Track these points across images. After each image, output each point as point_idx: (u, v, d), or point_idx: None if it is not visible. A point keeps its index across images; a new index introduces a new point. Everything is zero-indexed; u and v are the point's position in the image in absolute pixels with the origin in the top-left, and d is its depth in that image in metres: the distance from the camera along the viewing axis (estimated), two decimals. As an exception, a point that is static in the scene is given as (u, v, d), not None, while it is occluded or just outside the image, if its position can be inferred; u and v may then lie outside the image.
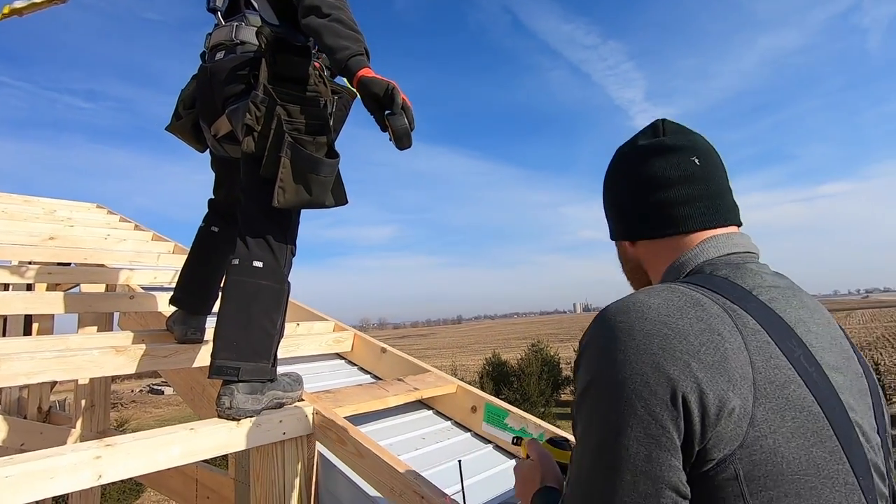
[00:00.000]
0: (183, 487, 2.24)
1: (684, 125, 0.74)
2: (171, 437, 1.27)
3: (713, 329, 0.52)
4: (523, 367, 12.03)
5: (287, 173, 1.39)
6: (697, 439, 0.49)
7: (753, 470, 0.49)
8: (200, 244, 1.90)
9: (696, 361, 0.50)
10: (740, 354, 0.51)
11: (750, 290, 0.58)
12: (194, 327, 1.89)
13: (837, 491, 0.51)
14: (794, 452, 0.50)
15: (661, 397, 0.49)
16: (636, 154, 0.73)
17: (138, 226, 3.90)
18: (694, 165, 0.69)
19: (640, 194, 0.71)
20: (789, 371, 0.52)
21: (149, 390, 23.27)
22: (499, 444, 1.80)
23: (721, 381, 0.49)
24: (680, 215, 0.68)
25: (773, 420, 0.50)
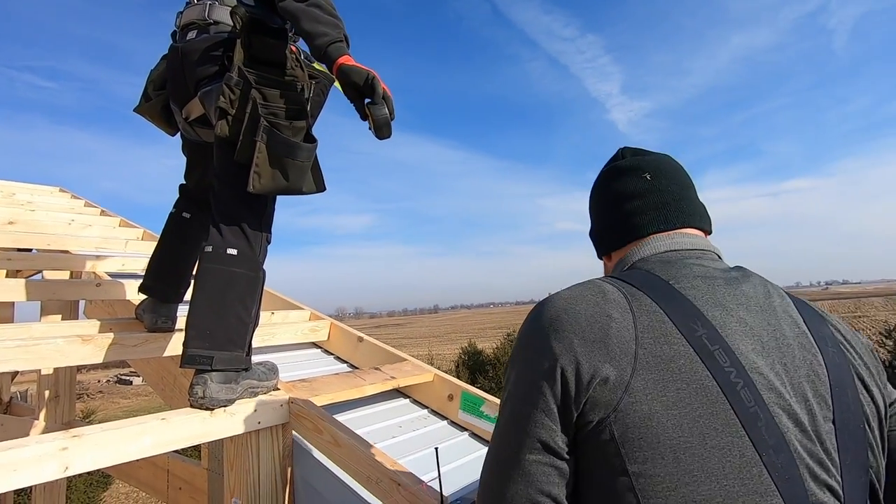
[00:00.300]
0: (153, 478, 2.20)
1: (642, 148, 0.85)
2: (142, 427, 1.24)
3: (604, 312, 0.59)
4: (499, 356, 12.17)
5: (263, 158, 1.35)
6: (573, 403, 0.56)
7: (627, 432, 0.54)
8: (172, 231, 1.85)
9: (579, 339, 0.58)
10: (625, 332, 0.57)
11: (667, 280, 0.64)
12: (165, 315, 1.84)
13: (729, 462, 0.52)
14: (675, 420, 0.53)
15: (544, 368, 0.58)
16: (600, 180, 0.85)
17: (104, 211, 3.77)
18: (645, 181, 0.78)
19: (605, 213, 0.82)
20: (683, 347, 0.57)
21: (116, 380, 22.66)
22: (475, 431, 1.82)
23: (598, 354, 0.56)
24: (634, 224, 0.77)
25: (652, 389, 0.54)
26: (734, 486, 0.51)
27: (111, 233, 3.34)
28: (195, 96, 1.52)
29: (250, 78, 1.37)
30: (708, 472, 0.52)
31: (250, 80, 1.37)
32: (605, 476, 0.55)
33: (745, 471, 0.52)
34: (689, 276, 0.65)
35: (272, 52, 1.44)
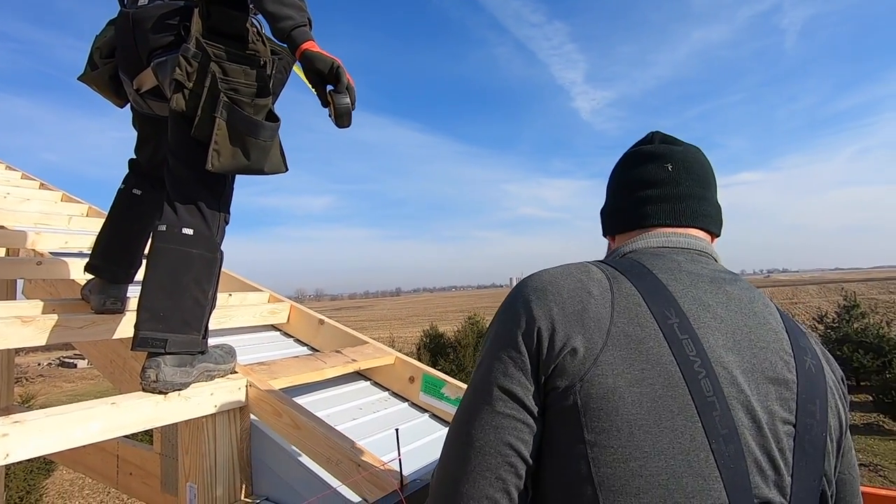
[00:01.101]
0: (102, 464, 2.12)
1: (673, 136, 0.82)
2: (89, 412, 1.19)
3: (586, 289, 0.63)
4: (460, 338, 12.32)
5: (223, 136, 1.30)
6: (542, 364, 0.59)
7: (590, 402, 0.56)
8: (121, 208, 1.74)
9: (558, 308, 0.61)
10: (602, 309, 0.60)
11: (650, 269, 0.66)
12: (114, 297, 1.76)
13: (679, 444, 0.55)
14: (635, 397, 0.56)
15: (521, 327, 0.61)
16: (624, 159, 0.83)
17: (45, 184, 3.53)
18: (665, 171, 0.77)
19: (618, 194, 0.81)
20: (654, 331, 0.59)
21: (59, 363, 21.51)
22: (436, 413, 1.86)
23: (574, 325, 0.59)
24: (644, 213, 0.77)
25: (619, 365, 0.57)
26: (680, 466, 0.54)
27: (53, 208, 3.14)
28: (147, 67, 1.42)
29: (209, 50, 1.30)
30: (658, 450, 0.54)
31: (209, 53, 1.30)
32: (564, 442, 0.58)
33: (692, 454, 0.54)
34: (674, 269, 0.67)
35: (232, 23, 1.38)
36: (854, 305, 11.56)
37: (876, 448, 7.55)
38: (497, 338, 0.63)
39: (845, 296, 11.95)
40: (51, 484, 6.78)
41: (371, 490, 1.17)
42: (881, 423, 8.70)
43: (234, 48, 1.36)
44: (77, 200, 3.33)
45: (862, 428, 8.60)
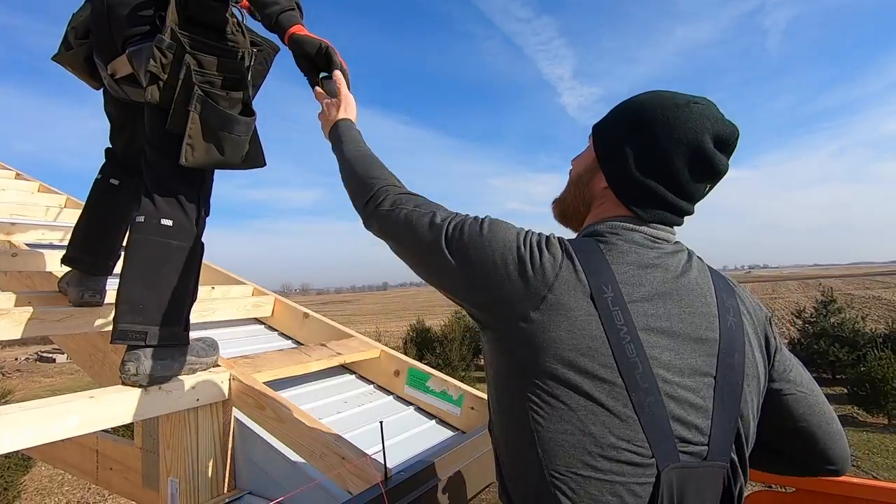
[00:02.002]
0: (81, 460, 2.09)
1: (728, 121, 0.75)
2: (67, 406, 1.17)
3: (541, 246, 0.68)
4: (446, 333, 12.34)
5: (196, 129, 1.28)
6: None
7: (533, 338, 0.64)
8: (99, 198, 1.71)
9: (524, 245, 0.69)
10: (549, 271, 0.66)
11: (602, 249, 0.69)
12: (92, 289, 1.72)
13: (599, 389, 0.62)
14: (571, 339, 0.63)
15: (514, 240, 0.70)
16: (703, 128, 0.70)
17: (20, 174, 3.44)
18: (725, 167, 0.72)
19: (677, 169, 0.71)
20: (584, 301, 0.64)
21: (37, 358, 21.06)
22: (421, 406, 1.86)
23: (525, 273, 0.66)
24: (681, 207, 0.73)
25: (549, 324, 0.63)
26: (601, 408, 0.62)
27: (29, 199, 3.06)
28: (122, 53, 1.38)
29: (184, 41, 1.27)
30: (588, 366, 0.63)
31: (184, 44, 1.27)
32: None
33: (618, 400, 0.62)
34: (623, 251, 0.69)
35: (211, 14, 1.35)
36: (831, 301, 11.85)
37: (850, 439, 7.75)
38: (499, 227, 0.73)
39: (823, 291, 12.24)
40: (29, 480, 6.66)
41: (355, 482, 1.18)
42: (855, 415, 8.95)
43: (210, 39, 1.33)
44: (54, 191, 3.25)
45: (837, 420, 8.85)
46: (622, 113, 0.77)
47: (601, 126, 0.80)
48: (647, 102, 0.74)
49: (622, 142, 0.74)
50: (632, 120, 0.74)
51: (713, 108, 0.71)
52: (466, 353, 12.22)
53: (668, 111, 0.71)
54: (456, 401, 1.76)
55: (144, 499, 1.80)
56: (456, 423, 1.76)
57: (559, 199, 0.86)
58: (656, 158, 0.71)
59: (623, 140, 0.74)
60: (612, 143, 0.75)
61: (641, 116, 0.73)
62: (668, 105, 0.71)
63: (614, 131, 0.76)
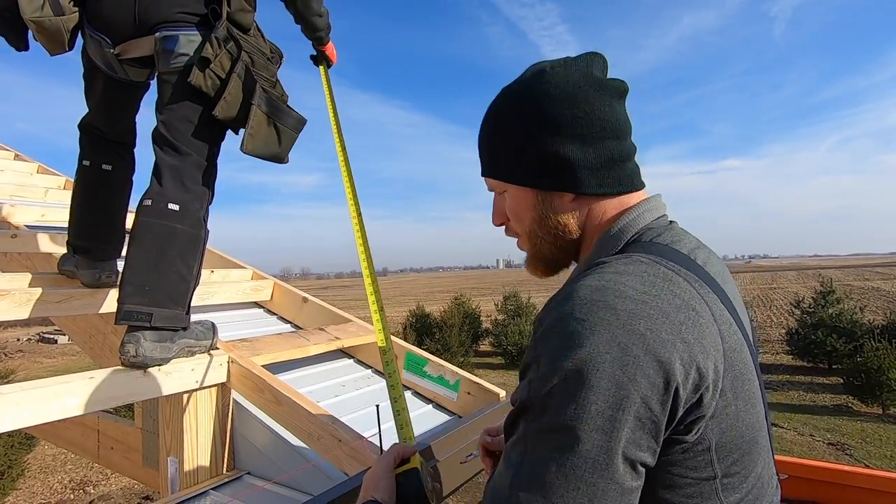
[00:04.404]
0: (83, 439, 2.12)
1: None
2: (66, 386, 1.18)
3: (688, 305, 0.52)
4: (446, 318, 12.40)
5: (259, 121, 1.38)
6: (680, 417, 0.49)
7: (722, 437, 0.52)
8: (96, 186, 1.68)
9: (681, 341, 0.49)
10: (712, 327, 0.52)
11: (688, 254, 0.59)
12: (108, 270, 1.73)
13: (763, 436, 0.57)
14: (749, 413, 0.54)
15: (653, 380, 0.47)
16: (597, 90, 0.62)
17: (19, 155, 3.43)
18: (626, 115, 0.65)
19: (600, 138, 0.62)
20: (738, 335, 0.55)
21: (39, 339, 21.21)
22: (418, 390, 1.88)
23: (701, 356, 0.49)
24: (629, 171, 0.65)
25: (736, 387, 0.52)
26: (767, 461, 0.58)
27: (28, 180, 3.06)
28: (142, 35, 1.37)
29: (239, 39, 1.38)
30: (760, 455, 0.57)
31: (239, 41, 1.38)
32: (688, 479, 0.52)
33: (768, 441, 0.59)
34: (692, 247, 0.61)
35: (245, 16, 1.43)
36: (830, 291, 11.87)
37: (844, 428, 7.85)
38: (613, 395, 0.47)
39: (822, 282, 12.25)
40: (32, 459, 6.76)
41: (351, 464, 1.19)
42: (850, 404, 9.03)
43: (252, 40, 1.43)
44: (54, 172, 3.24)
45: (832, 409, 8.92)
46: (510, 130, 0.66)
47: (502, 163, 0.68)
48: (518, 103, 0.65)
49: (545, 147, 0.63)
50: (530, 124, 0.63)
51: (557, 61, 0.65)
52: (465, 339, 12.29)
53: (545, 87, 0.62)
54: (453, 386, 1.77)
55: (145, 478, 1.83)
56: (453, 407, 1.78)
57: (533, 255, 0.71)
58: (586, 123, 0.61)
59: (543, 145, 0.63)
60: (537, 158, 0.63)
61: (533, 113, 0.63)
62: (537, 85, 0.63)
63: (525, 149, 0.64)
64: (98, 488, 6.45)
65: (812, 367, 11.52)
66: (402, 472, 0.71)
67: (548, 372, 0.49)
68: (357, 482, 0.99)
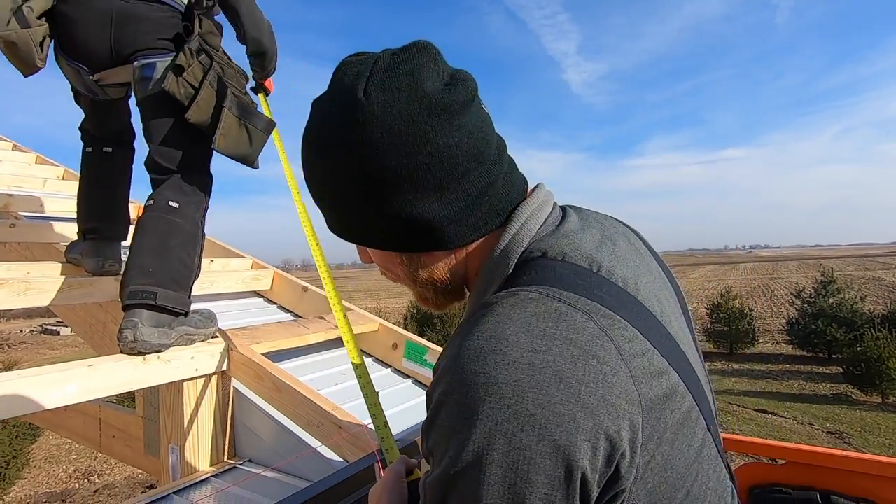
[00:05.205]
0: (85, 427, 2.13)
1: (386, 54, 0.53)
2: (65, 374, 1.18)
3: (588, 352, 0.42)
4: (447, 309, 12.45)
5: (230, 123, 1.47)
6: (596, 498, 0.42)
7: (651, 497, 0.44)
8: (98, 167, 1.77)
9: (581, 409, 0.40)
10: (620, 372, 0.43)
11: (589, 266, 0.50)
12: (111, 258, 1.77)
13: (709, 463, 0.50)
14: (680, 450, 0.46)
15: (551, 474, 0.39)
16: (436, 115, 0.49)
17: (17, 145, 3.42)
18: (481, 109, 0.54)
19: (457, 178, 0.51)
20: (658, 359, 0.46)
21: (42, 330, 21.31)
22: (418, 378, 1.88)
23: (609, 420, 0.41)
24: (503, 189, 0.55)
25: (658, 429, 0.44)
26: (714, 479, 0.51)
27: (26, 170, 3.05)
28: (120, 64, 1.45)
29: (212, 53, 1.48)
30: (706, 482, 0.49)
31: (211, 54, 1.47)
32: None
33: (717, 463, 0.52)
34: (595, 255, 0.52)
35: (214, 39, 1.55)
36: (831, 281, 11.87)
37: (843, 417, 7.89)
38: (510, 498, 0.40)
39: (823, 272, 12.25)
40: (37, 449, 6.82)
41: (351, 451, 1.19)
42: (850, 393, 9.07)
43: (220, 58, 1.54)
44: (52, 163, 3.23)
45: (831, 398, 8.96)
46: (338, 192, 0.53)
47: (347, 228, 0.57)
48: (336, 157, 0.51)
49: (388, 212, 0.52)
50: (358, 186, 0.51)
51: (376, 76, 0.50)
52: (466, 330, 12.35)
53: (366, 132, 0.49)
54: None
55: (146, 465, 1.84)
56: (453, 395, 1.78)
57: (422, 300, 0.64)
58: (434, 168, 0.50)
59: (385, 210, 0.52)
60: (385, 226, 0.53)
61: (358, 172, 0.50)
62: (355, 129, 0.49)
63: (367, 216, 0.53)
64: (102, 478, 6.51)
65: (812, 357, 11.56)
66: (412, 481, 0.70)
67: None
68: (357, 468, 0.99)
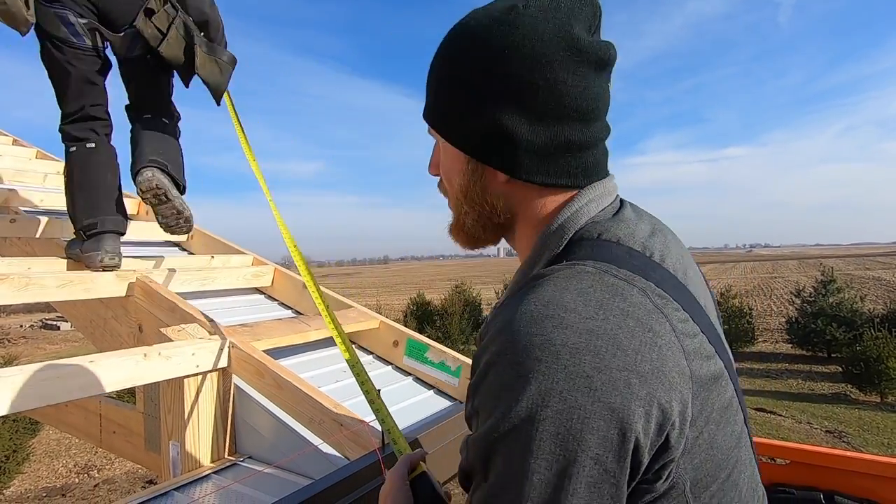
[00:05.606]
0: (85, 423, 2.13)
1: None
2: (66, 370, 1.18)
3: (644, 325, 0.43)
4: (446, 306, 12.43)
5: (202, 57, 1.77)
6: (645, 466, 0.42)
7: (697, 473, 0.45)
8: (89, 161, 1.82)
9: (637, 377, 0.41)
10: (673, 347, 0.44)
11: (643, 251, 0.51)
12: (112, 252, 1.77)
13: (746, 454, 0.51)
14: (725, 431, 0.47)
15: (605, 435, 0.40)
16: (570, 54, 0.49)
17: (17, 140, 3.41)
18: (612, 49, 0.52)
19: (557, 118, 0.51)
20: (707, 344, 0.47)
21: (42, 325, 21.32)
22: (419, 376, 1.88)
23: (662, 391, 0.41)
24: (589, 161, 0.54)
25: (707, 408, 0.45)
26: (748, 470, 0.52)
27: (27, 165, 3.04)
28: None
29: (176, 5, 1.74)
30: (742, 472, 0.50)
31: (175, 5, 1.74)
32: None
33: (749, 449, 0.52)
34: (653, 245, 0.52)
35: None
36: (831, 280, 11.87)
37: (842, 416, 7.90)
38: (558, 460, 0.40)
39: (823, 271, 12.24)
40: (37, 443, 6.83)
41: (352, 448, 1.19)
42: (848, 392, 9.08)
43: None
44: (52, 158, 3.22)
45: (830, 397, 8.97)
46: (453, 78, 0.55)
47: (438, 114, 0.58)
48: (470, 46, 0.53)
49: (485, 112, 0.52)
50: (476, 78, 0.52)
51: (538, 1, 0.51)
52: (466, 327, 12.33)
53: (508, 35, 0.50)
54: (454, 371, 1.77)
55: (147, 461, 1.84)
56: (454, 393, 1.78)
57: (456, 223, 0.63)
58: (544, 96, 0.50)
59: (485, 109, 0.52)
60: (475, 123, 0.53)
61: (482, 66, 0.52)
62: (498, 29, 0.51)
63: (464, 107, 0.54)
64: (102, 472, 6.52)
65: (811, 356, 11.56)
66: (413, 480, 0.70)
67: (485, 432, 0.43)
68: (358, 466, 0.99)
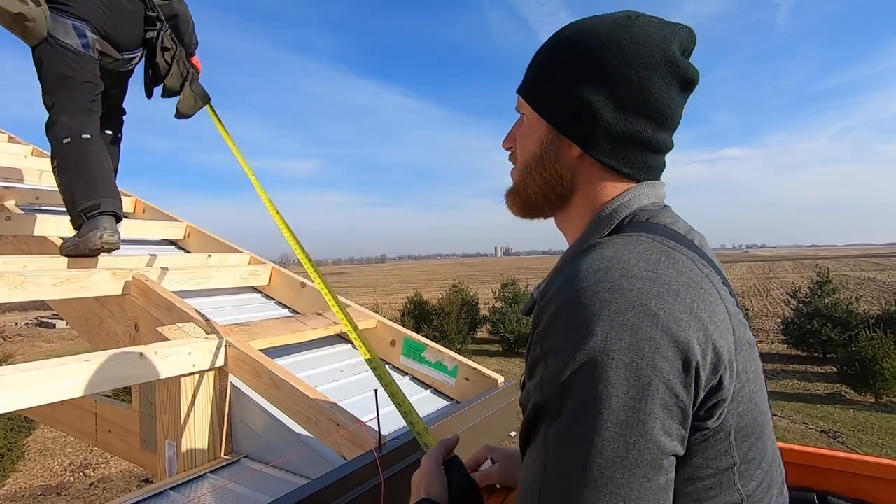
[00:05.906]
0: (81, 422, 2.12)
1: None
2: (61, 369, 1.17)
3: (696, 282, 0.49)
4: (444, 306, 12.43)
5: (188, 95, 2.18)
6: (701, 401, 0.46)
7: (740, 422, 0.49)
8: (86, 150, 1.86)
9: (695, 319, 0.46)
10: (720, 305, 0.49)
11: (685, 234, 0.57)
12: (111, 229, 1.80)
13: (769, 429, 0.55)
14: (759, 396, 0.52)
15: (673, 363, 0.44)
16: (664, 64, 0.58)
17: (13, 137, 3.39)
18: (698, 73, 0.60)
19: (637, 113, 0.58)
20: (740, 315, 0.53)
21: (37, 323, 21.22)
22: (416, 375, 1.88)
23: (717, 335, 0.47)
24: (651, 162, 0.62)
25: (747, 368, 0.50)
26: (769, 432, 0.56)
27: (22, 162, 3.02)
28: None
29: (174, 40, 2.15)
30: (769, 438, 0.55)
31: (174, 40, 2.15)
32: (708, 469, 0.49)
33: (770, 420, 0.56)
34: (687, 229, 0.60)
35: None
36: (826, 281, 11.91)
37: (837, 416, 7.94)
38: (633, 384, 0.43)
39: (819, 272, 12.29)
40: (32, 441, 6.80)
41: (349, 448, 1.19)
42: (843, 392, 9.12)
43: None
44: (48, 155, 3.19)
45: (825, 397, 9.01)
46: (560, 58, 0.62)
47: (537, 86, 0.65)
48: (583, 36, 0.60)
49: (580, 90, 0.59)
50: (580, 60, 0.60)
51: (650, 17, 0.60)
52: (463, 327, 12.33)
53: (619, 34, 0.58)
54: (451, 371, 1.77)
55: (143, 461, 1.83)
56: (451, 392, 1.78)
57: (517, 189, 0.69)
58: (633, 90, 0.57)
59: (580, 88, 0.59)
60: (568, 97, 0.60)
61: (589, 52, 0.59)
62: (613, 28, 0.59)
63: (563, 83, 0.61)
64: (98, 471, 6.50)
65: (806, 356, 11.61)
66: (447, 463, 0.70)
67: (558, 368, 0.46)
68: (354, 466, 0.99)
